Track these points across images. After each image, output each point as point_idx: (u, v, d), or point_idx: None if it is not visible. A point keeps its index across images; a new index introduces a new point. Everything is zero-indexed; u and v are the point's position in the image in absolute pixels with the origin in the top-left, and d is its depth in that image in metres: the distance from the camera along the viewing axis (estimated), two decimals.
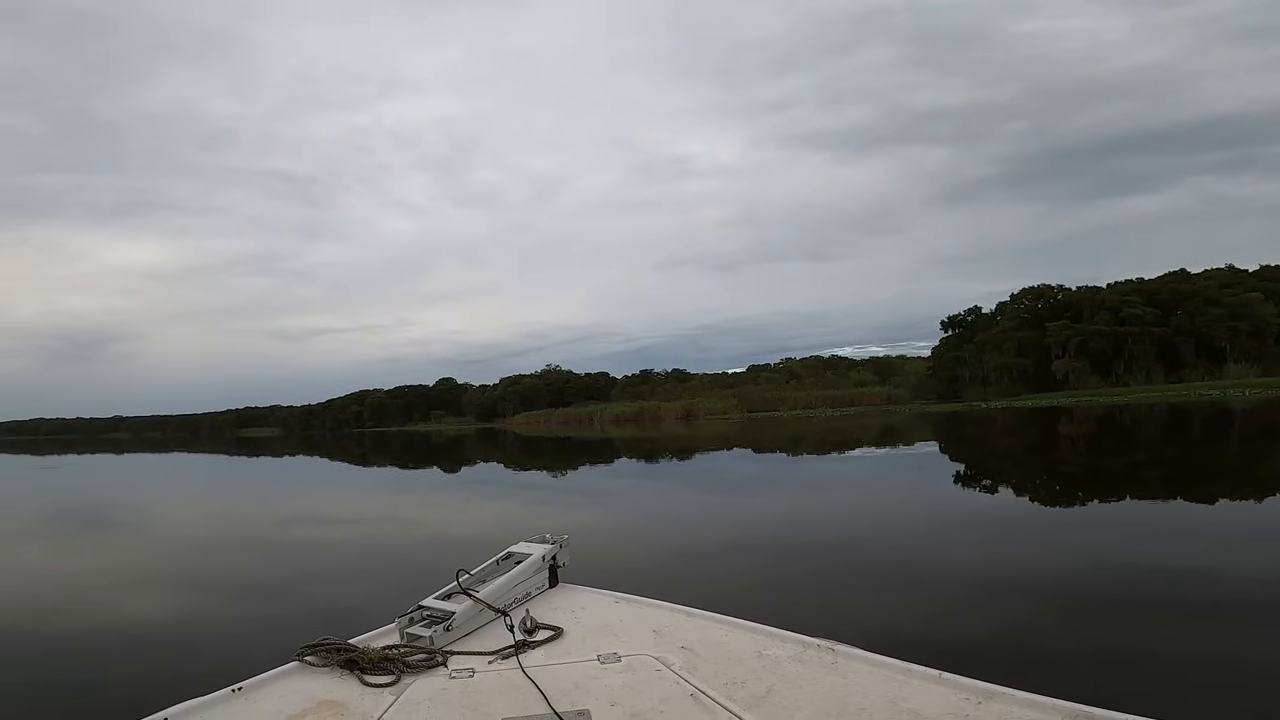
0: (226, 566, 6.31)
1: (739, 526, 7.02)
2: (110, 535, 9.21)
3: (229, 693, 1.67)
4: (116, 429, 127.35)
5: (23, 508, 13.52)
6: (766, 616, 2.06)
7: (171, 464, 28.23)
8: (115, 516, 11.23)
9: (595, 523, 7.59)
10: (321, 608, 4.57)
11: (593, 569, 2.77)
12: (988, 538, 5.91)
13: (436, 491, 13.61)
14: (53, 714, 3.09)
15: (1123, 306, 40.27)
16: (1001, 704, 1.46)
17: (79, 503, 14.03)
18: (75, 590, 5.52)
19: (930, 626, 3.55)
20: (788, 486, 10.66)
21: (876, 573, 4.78)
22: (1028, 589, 4.18)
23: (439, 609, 2.10)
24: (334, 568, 5.98)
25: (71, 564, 6.83)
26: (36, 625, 4.49)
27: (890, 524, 6.80)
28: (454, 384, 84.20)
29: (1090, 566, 4.60)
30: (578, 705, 1.59)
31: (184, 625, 4.39)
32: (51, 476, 23.20)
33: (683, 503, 9.40)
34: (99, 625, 4.43)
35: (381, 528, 8.53)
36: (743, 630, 2.00)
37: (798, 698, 1.61)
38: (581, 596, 2.40)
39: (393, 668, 1.79)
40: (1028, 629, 3.50)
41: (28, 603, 5.17)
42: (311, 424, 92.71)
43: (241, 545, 7.63)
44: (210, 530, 8.97)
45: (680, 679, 1.72)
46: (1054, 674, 2.73)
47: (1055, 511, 7.35)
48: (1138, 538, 5.47)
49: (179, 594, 5.30)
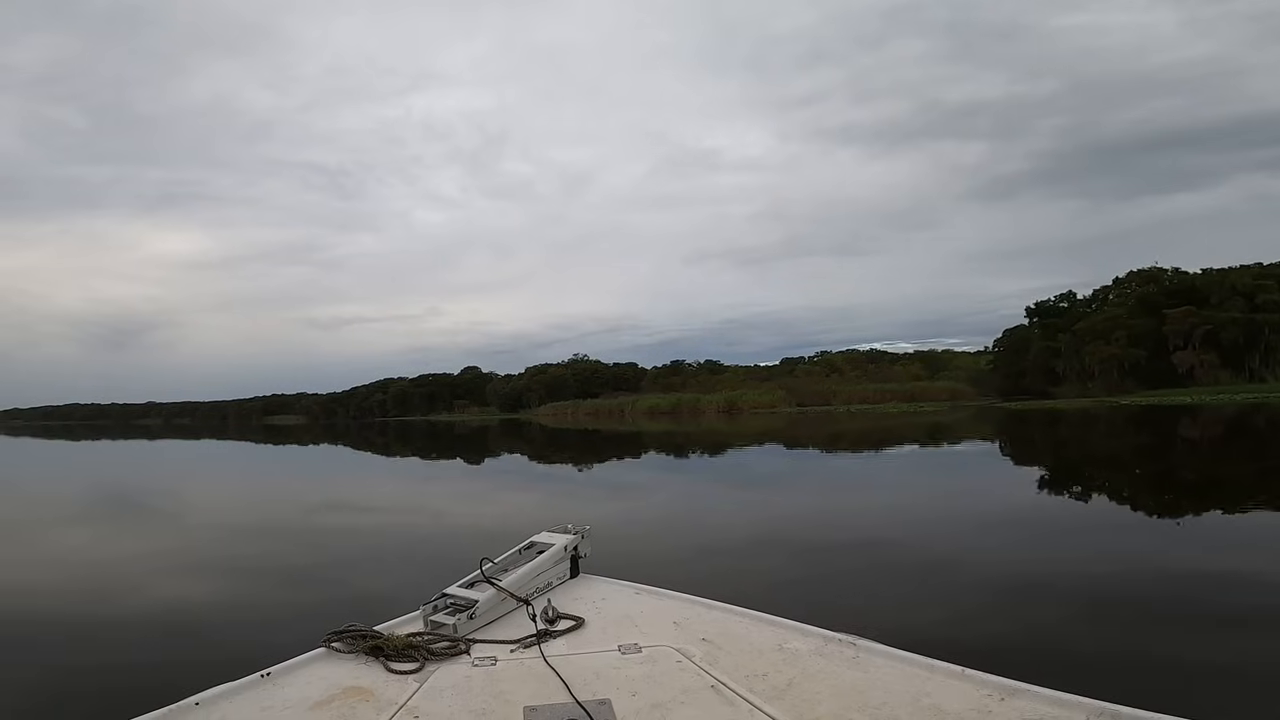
0: (259, 552, 6.45)
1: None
2: (143, 524, 9.41)
3: (258, 678, 1.69)
4: (148, 415, 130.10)
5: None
6: (792, 614, 2.03)
7: (195, 453, 28.11)
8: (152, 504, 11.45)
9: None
10: (348, 594, 4.64)
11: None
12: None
13: (462, 481, 13.68)
14: (86, 696, 3.16)
15: (1257, 292, 35.13)
16: (1025, 700, 1.45)
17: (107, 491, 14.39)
18: (111, 574, 5.68)
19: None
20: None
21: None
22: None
23: (462, 597, 2.12)
24: (361, 554, 6.09)
25: (106, 551, 7.01)
26: (74, 608, 4.61)
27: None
28: (479, 373, 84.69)
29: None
30: (599, 695, 1.60)
31: (217, 608, 4.51)
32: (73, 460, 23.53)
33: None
34: (135, 609, 4.56)
35: (407, 517, 8.61)
36: (764, 623, 2.01)
37: (819, 691, 1.61)
38: (602, 587, 2.42)
39: (417, 655, 1.82)
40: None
41: (64, 587, 5.30)
42: (335, 412, 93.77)
43: (271, 532, 7.76)
44: (241, 518, 9.14)
45: (701, 670, 1.73)
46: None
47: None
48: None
49: (212, 578, 5.39)
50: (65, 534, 8.11)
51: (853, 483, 11.09)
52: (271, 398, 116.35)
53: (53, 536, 7.99)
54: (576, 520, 2.58)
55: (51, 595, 5.00)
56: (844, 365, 58.99)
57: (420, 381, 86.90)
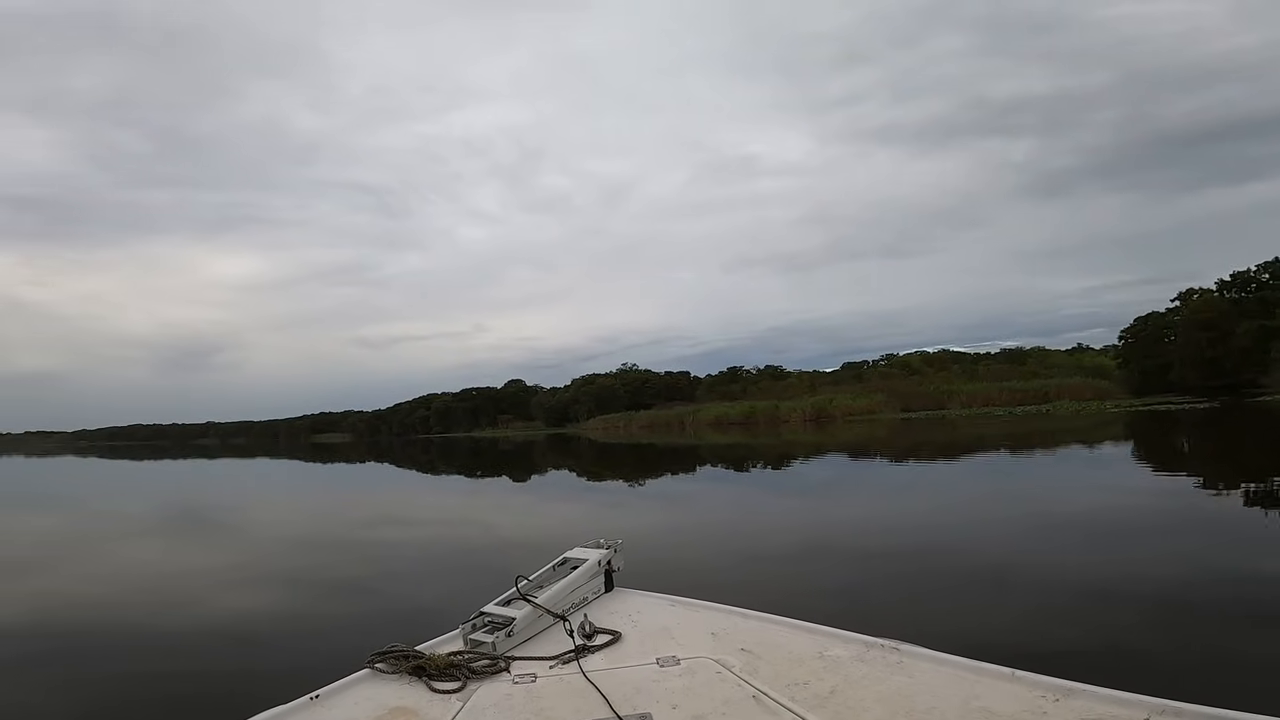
0: (313, 564, 6.65)
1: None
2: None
3: (307, 700, 1.71)
4: (205, 435, 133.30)
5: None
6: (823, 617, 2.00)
7: (244, 471, 28.22)
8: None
9: None
10: (398, 609, 4.78)
11: None
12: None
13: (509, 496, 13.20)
14: (152, 703, 3.31)
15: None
16: (1081, 700, 1.41)
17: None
18: (174, 588, 5.92)
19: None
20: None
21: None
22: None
23: (500, 615, 2.13)
24: (411, 569, 6.27)
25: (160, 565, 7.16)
26: (140, 620, 4.84)
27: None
28: (523, 386, 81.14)
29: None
30: (640, 709, 1.60)
31: (277, 621, 4.71)
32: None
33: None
34: (197, 623, 4.67)
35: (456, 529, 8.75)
36: (802, 631, 1.99)
37: (863, 697, 1.57)
38: (637, 600, 2.42)
39: (458, 674, 1.85)
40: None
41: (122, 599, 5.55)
42: (380, 429, 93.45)
43: (327, 545, 8.00)
44: (297, 532, 9.40)
45: (741, 681, 1.72)
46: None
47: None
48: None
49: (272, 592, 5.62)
50: (116, 550, 8.37)
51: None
52: (319, 415, 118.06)
53: (103, 552, 8.19)
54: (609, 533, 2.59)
55: (107, 607, 5.26)
56: (921, 366, 52.99)
57: (463, 396, 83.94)
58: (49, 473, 32.71)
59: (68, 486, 22.80)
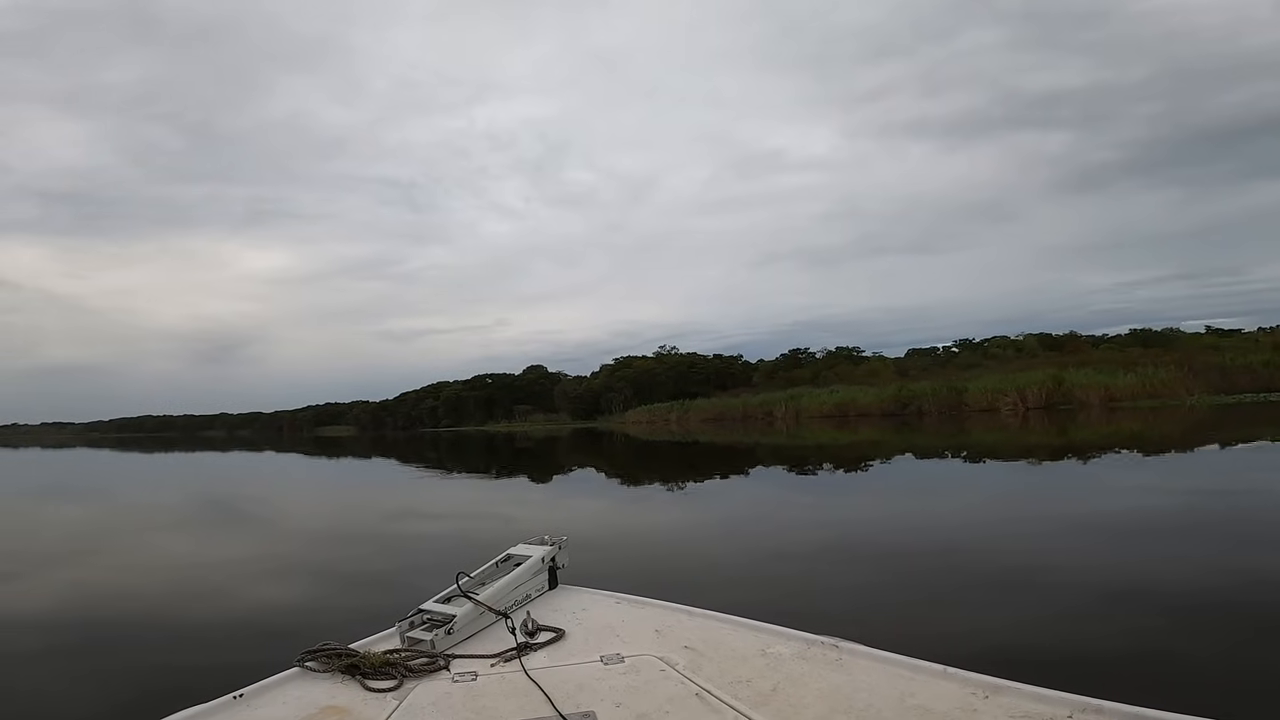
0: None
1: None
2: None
3: (230, 699, 1.66)
4: (212, 426, 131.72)
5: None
6: (771, 615, 1.99)
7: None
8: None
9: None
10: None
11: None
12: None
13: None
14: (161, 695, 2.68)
15: None
16: (1009, 697, 1.46)
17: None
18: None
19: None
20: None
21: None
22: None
23: (439, 612, 2.10)
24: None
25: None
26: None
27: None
28: (544, 373, 70.89)
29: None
30: (583, 707, 1.59)
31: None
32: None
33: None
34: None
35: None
36: (745, 629, 2.01)
37: (804, 695, 1.60)
38: (582, 598, 2.41)
39: (395, 672, 1.81)
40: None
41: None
42: (384, 421, 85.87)
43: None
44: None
45: (685, 678, 1.72)
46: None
47: None
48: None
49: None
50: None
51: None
52: (324, 407, 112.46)
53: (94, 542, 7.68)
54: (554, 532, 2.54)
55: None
56: (1038, 348, 43.29)
57: (476, 384, 72.76)
58: (43, 466, 30.71)
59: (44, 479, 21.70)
